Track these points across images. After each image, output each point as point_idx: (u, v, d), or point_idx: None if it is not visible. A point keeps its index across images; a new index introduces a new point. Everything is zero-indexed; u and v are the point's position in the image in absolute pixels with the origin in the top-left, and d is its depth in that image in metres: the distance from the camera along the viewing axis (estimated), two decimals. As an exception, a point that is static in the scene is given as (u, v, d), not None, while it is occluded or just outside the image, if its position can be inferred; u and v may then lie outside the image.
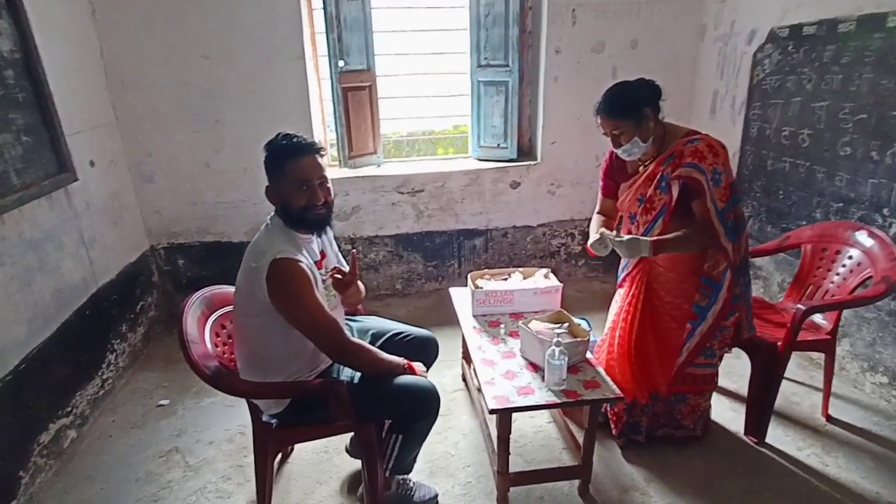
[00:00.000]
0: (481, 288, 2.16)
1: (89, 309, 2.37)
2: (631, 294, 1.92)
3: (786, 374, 2.06)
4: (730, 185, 1.72)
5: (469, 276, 2.24)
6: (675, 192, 1.72)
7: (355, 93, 3.12)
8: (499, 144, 3.37)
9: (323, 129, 3.27)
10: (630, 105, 1.71)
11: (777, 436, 2.13)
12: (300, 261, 1.49)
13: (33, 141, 2.07)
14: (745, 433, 2.13)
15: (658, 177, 1.76)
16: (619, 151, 1.80)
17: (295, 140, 1.50)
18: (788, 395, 2.36)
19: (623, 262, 2.00)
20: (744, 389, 2.22)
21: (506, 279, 2.26)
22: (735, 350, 2.08)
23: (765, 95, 2.74)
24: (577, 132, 3.21)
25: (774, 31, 2.64)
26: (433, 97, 3.81)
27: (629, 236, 1.75)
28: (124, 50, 2.71)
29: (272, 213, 1.59)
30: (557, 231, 3.49)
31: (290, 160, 1.49)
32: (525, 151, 3.45)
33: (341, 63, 3.01)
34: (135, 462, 2.09)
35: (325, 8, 2.88)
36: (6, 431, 1.83)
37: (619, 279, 2.02)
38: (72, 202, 2.31)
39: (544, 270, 2.28)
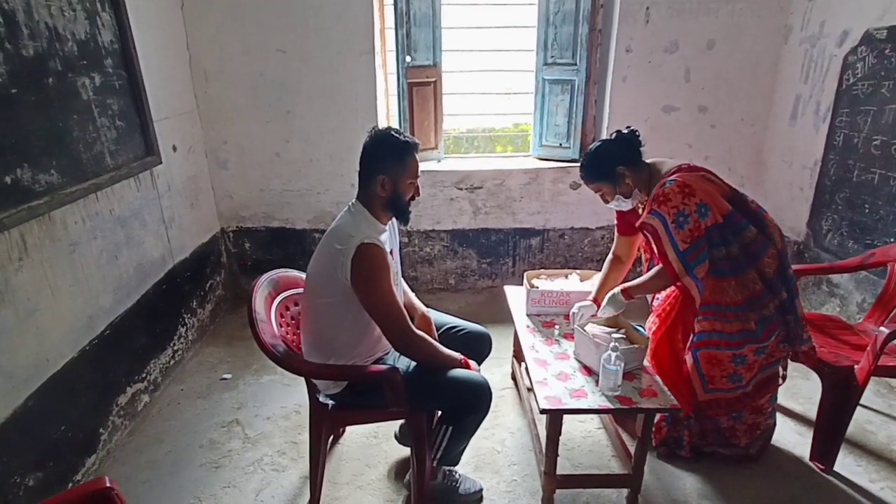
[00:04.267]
0: (537, 287, 2.15)
1: (165, 284, 2.54)
2: (662, 309, 1.91)
3: (861, 401, 1.93)
4: (725, 215, 1.67)
5: (525, 274, 2.23)
6: (650, 237, 1.76)
7: (420, 88, 3.16)
8: (561, 144, 3.32)
9: (388, 123, 3.34)
10: (602, 168, 1.82)
11: (847, 464, 2.00)
12: (384, 248, 1.55)
13: (126, 125, 2.23)
14: (811, 459, 2.01)
15: None
16: (609, 206, 1.91)
17: (410, 138, 1.60)
18: (863, 422, 2.20)
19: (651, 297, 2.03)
20: (811, 412, 2.09)
21: (562, 280, 2.24)
22: (803, 370, 1.96)
23: (854, 102, 2.56)
24: (643, 134, 3.07)
25: (870, 32, 2.45)
26: (495, 94, 3.80)
27: (608, 295, 1.85)
28: (208, 42, 2.87)
29: (353, 200, 1.64)
30: (616, 235, 3.41)
31: (411, 156, 1.59)
32: (587, 152, 3.38)
33: (408, 58, 3.06)
34: (199, 429, 2.23)
35: (395, 4, 2.93)
36: (91, 390, 2.00)
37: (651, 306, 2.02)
38: (155, 184, 2.48)
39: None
